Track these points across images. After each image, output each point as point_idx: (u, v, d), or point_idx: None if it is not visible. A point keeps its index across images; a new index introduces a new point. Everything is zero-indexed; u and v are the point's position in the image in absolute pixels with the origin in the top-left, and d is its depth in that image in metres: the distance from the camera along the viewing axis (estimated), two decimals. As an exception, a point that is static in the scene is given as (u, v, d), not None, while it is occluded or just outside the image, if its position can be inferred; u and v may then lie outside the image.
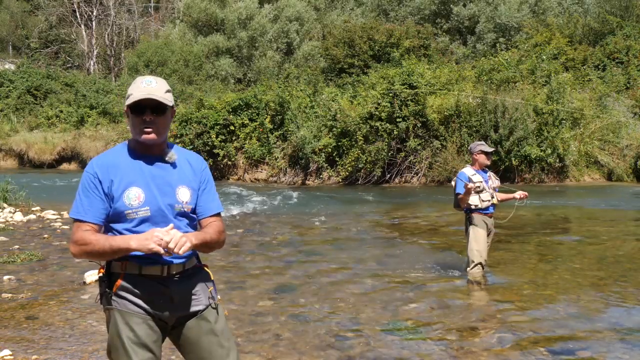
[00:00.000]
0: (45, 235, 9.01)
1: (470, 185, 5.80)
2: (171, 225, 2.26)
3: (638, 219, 10.92)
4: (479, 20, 26.50)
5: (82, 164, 23.76)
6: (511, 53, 20.59)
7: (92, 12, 38.97)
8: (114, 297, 2.33)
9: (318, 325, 4.89)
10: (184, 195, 2.39)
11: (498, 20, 25.84)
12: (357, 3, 33.57)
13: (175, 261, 2.35)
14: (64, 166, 24.83)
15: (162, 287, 2.34)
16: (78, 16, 38.99)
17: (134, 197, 2.30)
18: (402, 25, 26.56)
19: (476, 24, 26.62)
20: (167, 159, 2.40)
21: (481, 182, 5.99)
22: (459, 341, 4.53)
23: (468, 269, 6.13)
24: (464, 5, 27.36)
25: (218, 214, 2.50)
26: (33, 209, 11.53)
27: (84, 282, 6.17)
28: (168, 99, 2.33)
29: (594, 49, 22.58)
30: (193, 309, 2.41)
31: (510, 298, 5.64)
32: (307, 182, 17.81)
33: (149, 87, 2.31)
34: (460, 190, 5.93)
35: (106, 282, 2.35)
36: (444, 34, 27.64)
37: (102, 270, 2.38)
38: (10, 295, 5.75)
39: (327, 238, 9.02)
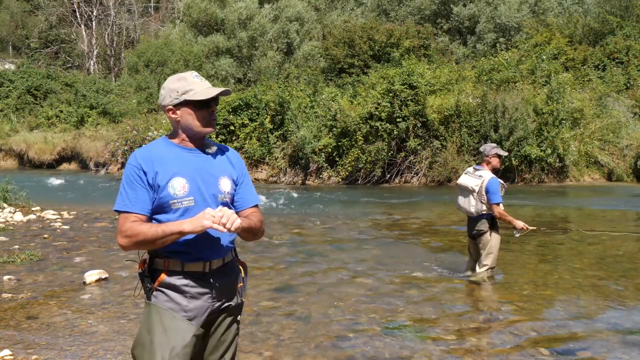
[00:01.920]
0: (45, 235, 9.01)
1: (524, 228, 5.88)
2: (221, 206, 2.30)
3: (638, 219, 10.92)
4: (479, 20, 26.51)
5: (82, 164, 23.78)
6: (511, 53, 20.60)
7: (92, 12, 38.98)
8: (154, 293, 2.36)
9: (318, 325, 4.89)
10: (225, 186, 2.44)
11: (498, 20, 25.85)
12: (357, 3, 33.58)
13: (217, 256, 2.39)
14: (64, 166, 24.83)
15: (204, 282, 2.37)
16: (78, 16, 39.00)
17: (179, 187, 2.34)
18: (402, 25, 26.56)
19: (476, 24, 26.63)
20: (208, 150, 2.47)
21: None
22: (459, 341, 4.53)
23: (478, 270, 6.08)
24: (464, 5, 27.37)
25: (256, 205, 2.57)
26: (33, 209, 11.53)
27: (84, 282, 6.17)
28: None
29: (594, 49, 22.59)
30: (226, 304, 2.44)
31: (510, 298, 5.64)
32: (307, 182, 17.81)
33: (204, 81, 2.43)
34: (500, 199, 5.78)
35: (148, 277, 2.37)
36: (444, 34, 27.65)
37: (141, 266, 2.41)
38: (10, 295, 5.75)
39: (327, 238, 9.02)
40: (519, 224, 5.90)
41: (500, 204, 5.82)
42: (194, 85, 2.39)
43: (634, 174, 16.58)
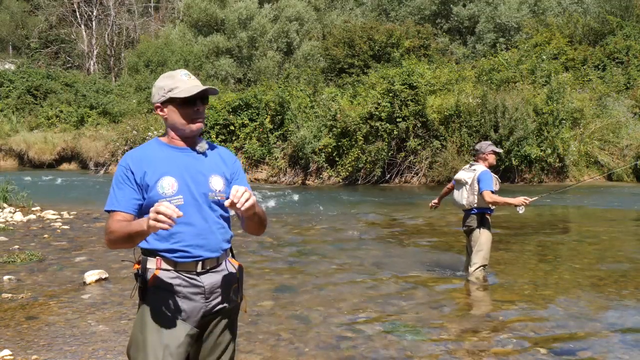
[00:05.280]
0: (45, 235, 9.01)
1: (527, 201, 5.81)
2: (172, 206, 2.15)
3: (638, 219, 10.92)
4: (478, 20, 26.52)
5: (82, 164, 23.79)
6: (511, 53, 20.61)
7: (92, 12, 39.00)
8: (147, 293, 2.35)
9: (318, 325, 4.89)
10: (217, 184, 2.42)
11: (498, 20, 25.86)
12: (357, 3, 33.59)
13: (209, 255, 2.37)
14: (64, 166, 24.84)
15: (197, 282, 2.35)
16: (78, 16, 39.02)
17: (167, 186, 2.33)
18: (402, 25, 26.57)
19: (476, 24, 26.63)
20: (198, 148, 2.45)
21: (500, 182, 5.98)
22: (459, 341, 4.53)
23: (470, 269, 6.09)
24: (464, 5, 27.38)
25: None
26: (33, 209, 11.53)
27: (84, 282, 6.17)
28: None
29: (594, 49, 22.59)
30: (221, 305, 2.42)
31: (510, 298, 5.63)
32: (307, 182, 17.81)
33: (192, 79, 2.41)
34: (492, 187, 5.76)
35: (141, 277, 2.37)
36: (444, 34, 27.66)
37: (137, 265, 2.40)
38: (10, 295, 5.75)
39: (327, 238, 9.02)
40: (518, 200, 5.85)
41: (488, 191, 5.80)
42: (180, 82, 2.38)
43: (634, 174, 16.58)
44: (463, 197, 6.00)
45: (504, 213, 8.34)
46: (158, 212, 2.05)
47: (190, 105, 2.38)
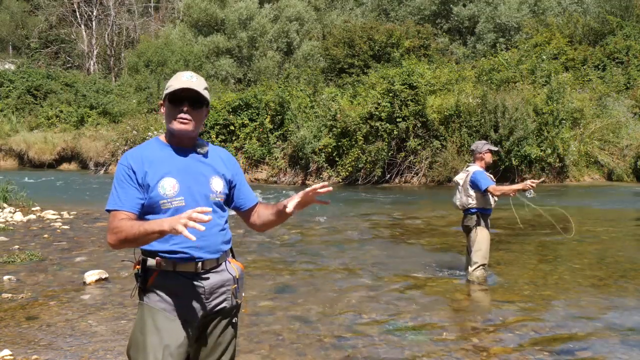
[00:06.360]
0: (45, 235, 9.01)
1: (531, 185, 5.67)
2: (203, 208, 2.12)
3: (638, 219, 10.92)
4: (478, 20, 26.52)
5: (82, 164, 23.80)
6: (511, 53, 20.62)
7: (92, 12, 39.01)
8: (147, 293, 2.35)
9: (318, 325, 4.89)
10: (217, 185, 2.43)
11: (498, 20, 25.87)
12: (357, 3, 33.61)
13: (209, 256, 2.37)
14: (64, 166, 24.84)
15: (196, 283, 2.35)
16: (78, 16, 39.03)
17: (169, 187, 2.32)
18: (402, 25, 26.58)
19: (476, 24, 26.64)
20: (198, 150, 2.45)
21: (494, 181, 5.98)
22: (459, 341, 4.53)
23: (470, 269, 6.10)
24: (464, 6, 27.38)
25: (258, 204, 2.61)
26: (33, 209, 11.53)
27: (84, 282, 6.17)
28: (206, 94, 2.41)
29: (594, 49, 22.60)
30: (221, 305, 2.42)
31: (510, 298, 5.63)
32: (307, 182, 17.81)
33: (190, 81, 2.38)
34: (490, 183, 5.75)
35: (141, 277, 2.36)
36: (444, 34, 27.67)
37: (137, 266, 2.40)
38: (10, 295, 5.74)
39: (327, 238, 9.01)
40: (524, 185, 5.70)
41: (492, 185, 5.79)
42: (176, 82, 2.38)
43: (634, 174, 16.59)
44: (457, 198, 6.08)
45: (504, 214, 8.32)
46: (190, 219, 2.01)
47: (176, 104, 2.37)
